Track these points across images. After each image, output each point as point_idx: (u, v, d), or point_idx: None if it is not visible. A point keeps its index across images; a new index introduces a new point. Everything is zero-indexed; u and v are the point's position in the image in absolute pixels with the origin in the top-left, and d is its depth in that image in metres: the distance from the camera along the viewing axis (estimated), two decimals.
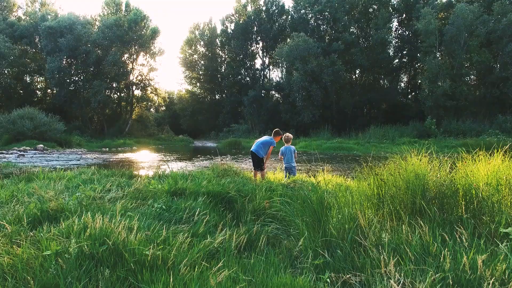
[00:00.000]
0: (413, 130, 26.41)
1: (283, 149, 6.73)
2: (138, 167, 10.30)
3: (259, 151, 6.43)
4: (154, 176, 5.07)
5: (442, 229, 2.10)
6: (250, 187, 4.29)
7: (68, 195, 2.97)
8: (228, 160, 14.17)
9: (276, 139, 6.65)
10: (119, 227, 2.15)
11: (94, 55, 34.55)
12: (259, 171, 6.35)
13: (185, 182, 4.15)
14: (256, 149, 6.47)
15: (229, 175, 5.46)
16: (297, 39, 32.70)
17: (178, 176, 4.77)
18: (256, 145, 6.56)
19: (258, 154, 6.42)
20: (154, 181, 4.11)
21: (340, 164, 12.90)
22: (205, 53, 52.00)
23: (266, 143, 6.52)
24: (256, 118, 39.60)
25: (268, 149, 6.55)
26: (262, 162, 6.40)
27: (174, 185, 3.83)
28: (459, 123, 26.44)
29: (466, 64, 28.80)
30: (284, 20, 45.09)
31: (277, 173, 7.32)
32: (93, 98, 33.52)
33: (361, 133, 27.58)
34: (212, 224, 2.88)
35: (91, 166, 10.01)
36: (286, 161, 6.63)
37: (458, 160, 3.31)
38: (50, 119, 20.99)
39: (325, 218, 2.22)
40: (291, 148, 6.70)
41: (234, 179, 4.92)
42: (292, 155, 6.65)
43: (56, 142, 20.01)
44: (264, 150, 6.46)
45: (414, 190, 2.46)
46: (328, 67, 32.47)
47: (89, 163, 11.50)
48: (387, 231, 2.08)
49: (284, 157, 6.68)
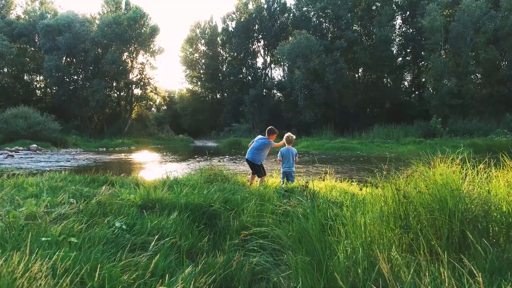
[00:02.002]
0: (418, 130, 25.69)
1: (284, 150, 5.85)
2: (127, 169, 9.70)
3: (255, 158, 5.63)
4: (130, 183, 4.44)
5: (499, 273, 1.46)
6: (240, 197, 3.67)
7: (5, 211, 2.36)
8: (226, 160, 13.56)
9: (271, 137, 5.81)
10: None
11: (93, 53, 34.06)
12: (259, 176, 5.60)
13: (162, 191, 3.51)
14: (251, 157, 5.66)
15: (218, 180, 4.84)
16: (299, 36, 32.05)
17: (156, 183, 4.12)
18: (251, 152, 5.72)
19: (254, 162, 5.62)
20: (125, 190, 3.49)
21: (344, 165, 12.25)
22: (206, 51, 51.46)
23: (261, 146, 5.69)
24: (257, 118, 38.99)
25: (265, 151, 5.76)
26: (261, 168, 5.61)
27: (146, 196, 3.21)
28: (465, 122, 25.74)
29: (472, 61, 28.01)
30: (286, 18, 44.46)
31: (274, 176, 6.60)
32: (91, 97, 33.03)
33: (364, 133, 26.90)
34: (185, 249, 2.26)
35: (77, 168, 9.47)
36: (286, 165, 5.80)
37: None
38: (45, 118, 20.44)
39: (329, 257, 1.60)
40: (293, 151, 5.87)
41: (223, 186, 4.30)
42: (293, 159, 5.85)
43: (51, 142, 19.47)
44: (260, 155, 5.66)
45: (451, 211, 1.81)
46: (330, 66, 31.81)
47: (78, 164, 10.93)
48: (421, 277, 1.43)
49: (283, 159, 5.83)
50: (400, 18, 39.21)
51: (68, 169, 9.56)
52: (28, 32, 36.16)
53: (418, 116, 29.47)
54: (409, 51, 38.20)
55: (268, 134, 5.81)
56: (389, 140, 23.14)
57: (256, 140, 5.91)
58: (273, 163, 11.97)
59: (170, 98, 58.89)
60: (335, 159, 14.81)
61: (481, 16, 25.42)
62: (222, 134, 40.87)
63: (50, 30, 32.82)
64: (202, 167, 5.51)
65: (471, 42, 26.80)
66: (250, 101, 38.76)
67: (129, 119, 37.76)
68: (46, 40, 32.89)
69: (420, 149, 20.35)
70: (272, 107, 39.37)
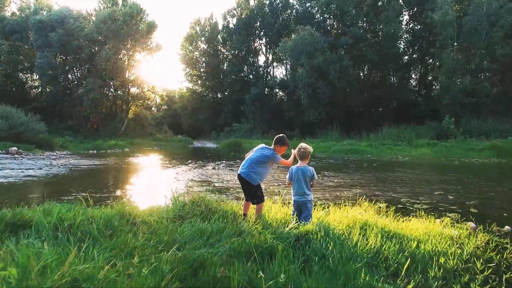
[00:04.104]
0: (430, 131, 24.10)
1: (294, 170, 3.83)
2: (99, 182, 8.20)
3: (251, 175, 3.84)
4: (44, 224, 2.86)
5: None
6: (224, 254, 2.20)
7: None
8: (222, 167, 12.06)
9: (279, 150, 3.98)
10: None
11: (87, 50, 32.61)
12: (255, 203, 3.85)
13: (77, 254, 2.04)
14: (246, 173, 3.85)
15: (197, 212, 3.34)
16: (303, 32, 30.53)
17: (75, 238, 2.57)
18: (247, 165, 3.92)
19: (250, 180, 3.82)
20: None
21: (358, 173, 10.71)
22: (206, 49, 50.08)
23: (262, 160, 3.90)
24: (258, 117, 37.52)
25: (266, 168, 3.99)
26: (258, 191, 3.86)
27: (25, 280, 1.73)
28: (480, 123, 24.13)
29: (487, 58, 26.40)
30: (288, 14, 42.95)
31: (278, 203, 4.56)
32: (85, 96, 31.61)
33: (372, 134, 25.31)
34: None
35: (43, 178, 7.92)
36: (297, 191, 3.74)
37: None
38: (29, 119, 18.96)
39: None
40: (307, 171, 3.77)
41: (201, 227, 2.81)
42: (308, 182, 3.77)
43: (36, 144, 17.98)
44: (259, 172, 3.89)
45: None
46: (335, 63, 30.26)
47: (48, 173, 9.46)
48: None
49: (293, 183, 3.82)
50: (407, 14, 37.76)
51: (30, 181, 8.16)
52: (21, 29, 34.76)
53: (426, 116, 27.96)
54: (417, 48, 36.66)
55: (276, 144, 4.00)
56: (400, 142, 21.55)
57: (256, 149, 4.11)
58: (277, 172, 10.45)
59: (170, 98, 57.57)
60: (345, 165, 13.28)
61: (498, 9, 23.81)
62: (222, 135, 39.48)
63: (42, 26, 31.47)
64: (175, 194, 3.91)
65: (486, 36, 25.23)
66: (251, 100, 37.31)
67: (126, 119, 36.34)
68: (38, 37, 31.54)
69: (435, 152, 18.88)
70: (274, 106, 37.92)
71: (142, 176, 9.45)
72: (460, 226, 3.94)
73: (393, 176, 9.81)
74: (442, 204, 5.80)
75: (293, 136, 31.65)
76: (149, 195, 6.40)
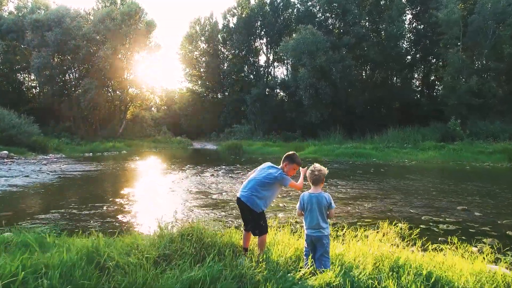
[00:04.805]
0: (435, 132, 23.39)
1: (306, 198, 3.01)
2: (87, 193, 7.53)
3: (255, 200, 3.10)
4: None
5: None
6: None
7: None
8: (221, 173, 11.41)
9: (288, 169, 3.23)
10: None
11: (85, 50, 31.98)
12: (257, 235, 3.12)
13: None
14: (248, 197, 3.12)
15: (187, 249, 2.68)
16: (304, 32, 29.85)
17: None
18: (249, 187, 3.18)
19: (252, 207, 3.09)
20: None
21: (366, 180, 10.06)
22: (206, 49, 49.39)
23: (268, 181, 3.17)
24: (259, 118, 36.84)
25: (273, 192, 3.24)
26: (261, 220, 3.12)
27: None
28: (486, 124, 23.42)
29: (493, 57, 25.73)
30: (290, 13, 42.26)
31: (285, 230, 3.73)
32: (83, 97, 30.98)
33: (377, 136, 24.63)
34: None
35: (28, 187, 7.17)
36: (310, 223, 2.95)
37: None
38: (22, 121, 18.32)
39: None
40: (321, 198, 2.96)
41: (190, 277, 2.17)
42: (324, 213, 2.95)
43: (29, 147, 17.38)
44: (264, 197, 3.13)
45: None
46: (337, 63, 29.60)
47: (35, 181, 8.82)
48: None
49: (306, 214, 3.02)
50: (410, 13, 37.08)
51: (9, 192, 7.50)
52: (17, 28, 34.14)
53: (429, 116, 27.24)
54: (420, 48, 35.96)
55: (284, 162, 3.27)
56: (405, 145, 20.87)
57: (261, 168, 3.36)
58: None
59: (169, 98, 56.90)
60: (352, 170, 12.63)
61: (506, 7, 23.14)
62: (223, 136, 38.81)
63: (38, 25, 30.89)
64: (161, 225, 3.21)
65: (493, 35, 24.57)
66: (252, 101, 36.63)
67: (124, 120, 35.70)
68: (34, 36, 30.93)
69: (443, 155, 18.20)
70: (275, 107, 37.24)
71: (134, 186, 8.77)
72: (505, 259, 3.30)
73: (405, 185, 9.16)
74: (471, 224, 5.12)
75: (294, 138, 31.02)
76: (138, 212, 5.72)
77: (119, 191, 7.81)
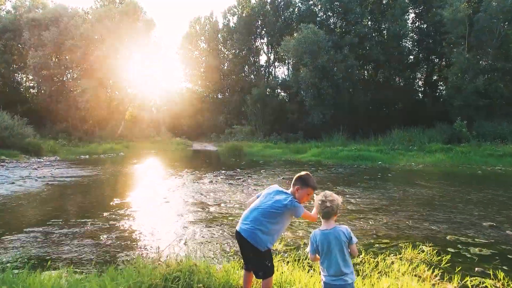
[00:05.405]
0: (441, 134, 22.76)
1: (319, 238, 2.28)
2: (56, 210, 6.85)
3: (259, 236, 2.45)
4: None
5: None
6: None
7: None
8: (221, 179, 10.81)
9: (301, 195, 2.56)
10: None
11: (83, 50, 31.41)
12: (260, 277, 2.50)
13: None
14: (250, 230, 2.49)
15: None
16: (306, 31, 29.24)
17: None
18: (252, 218, 2.54)
19: (256, 244, 2.45)
20: None
21: (375, 187, 9.46)
22: (206, 49, 48.83)
23: (277, 210, 2.50)
24: (260, 119, 36.25)
25: (282, 223, 2.56)
26: (266, 259, 2.50)
27: None
28: (494, 125, 22.80)
29: (500, 57, 25.10)
30: (291, 13, 41.66)
31: (296, 267, 3.10)
32: (80, 97, 30.43)
33: (381, 137, 24.00)
34: None
35: (12, 197, 6.29)
36: (330, 269, 2.23)
37: None
38: (15, 122, 17.74)
39: None
40: (339, 236, 2.24)
41: None
42: (345, 253, 2.23)
43: (22, 149, 16.80)
44: (272, 231, 2.49)
45: None
46: (340, 62, 29.01)
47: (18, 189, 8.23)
48: None
49: (321, 257, 2.29)
50: (413, 12, 36.45)
51: None
52: (14, 27, 33.62)
53: (433, 117, 26.62)
54: (423, 48, 35.36)
55: (296, 185, 2.59)
56: (411, 147, 20.23)
57: (267, 193, 2.66)
58: None
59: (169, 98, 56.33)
60: (358, 175, 12.01)
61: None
62: (223, 137, 38.24)
63: (35, 24, 30.40)
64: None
65: (499, 34, 23.95)
66: (252, 101, 36.07)
67: (123, 121, 35.13)
68: (31, 35, 30.40)
69: (451, 158, 17.54)
70: (277, 107, 36.65)
71: (125, 196, 8.02)
72: None
73: (417, 193, 8.54)
74: (506, 247, 4.38)
75: (296, 139, 30.41)
76: (122, 233, 5.00)
77: (108, 202, 7.16)
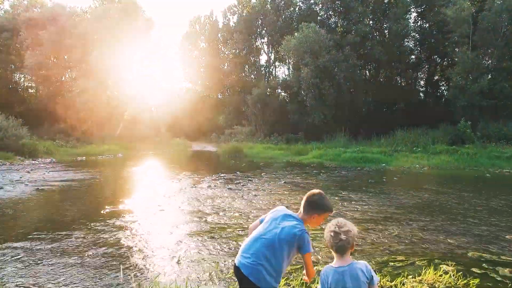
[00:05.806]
0: (445, 135, 22.32)
1: (332, 278, 1.83)
2: (40, 222, 6.36)
3: (262, 273, 1.93)
4: None
5: None
6: None
7: None
8: (219, 183, 10.38)
9: (319, 222, 2.13)
10: None
11: (81, 49, 30.97)
12: None
13: None
14: (252, 265, 1.96)
15: None
16: (307, 30, 28.82)
17: None
18: (254, 250, 2.00)
19: (259, 283, 1.92)
20: None
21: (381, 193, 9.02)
22: (206, 48, 48.40)
23: (286, 243, 1.99)
24: (260, 119, 35.82)
25: (289, 257, 2.04)
26: None
27: None
28: (499, 126, 22.36)
29: (505, 56, 24.68)
30: (291, 12, 41.23)
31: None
32: (78, 98, 30.00)
33: (383, 138, 23.55)
34: None
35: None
36: None
37: None
38: (9, 123, 17.34)
39: None
40: (357, 275, 1.79)
41: None
42: None
43: (16, 151, 16.39)
44: (278, 268, 1.98)
45: None
46: (341, 62, 28.58)
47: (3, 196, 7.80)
48: None
49: None
50: (415, 11, 36.03)
51: None
52: (11, 26, 33.20)
53: (436, 117, 26.16)
54: (425, 47, 34.94)
55: (312, 214, 2.11)
56: (414, 148, 19.79)
57: (272, 218, 2.15)
58: None
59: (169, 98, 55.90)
60: (362, 179, 11.57)
61: None
62: (223, 137, 37.84)
63: (33, 23, 29.95)
64: None
65: (504, 34, 23.53)
66: (253, 102, 35.63)
67: (122, 122, 34.70)
68: (28, 35, 29.97)
69: (457, 160, 17.11)
70: (277, 108, 36.21)
71: (117, 203, 7.44)
72: None
73: (426, 199, 8.10)
74: None
75: (297, 140, 30.00)
76: (109, 249, 4.48)
77: (98, 210, 6.70)
